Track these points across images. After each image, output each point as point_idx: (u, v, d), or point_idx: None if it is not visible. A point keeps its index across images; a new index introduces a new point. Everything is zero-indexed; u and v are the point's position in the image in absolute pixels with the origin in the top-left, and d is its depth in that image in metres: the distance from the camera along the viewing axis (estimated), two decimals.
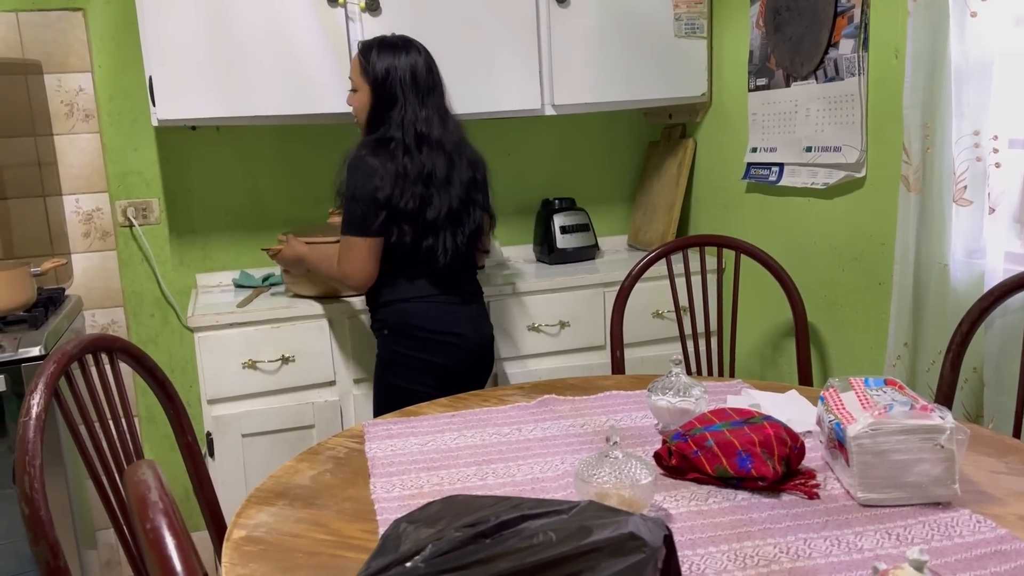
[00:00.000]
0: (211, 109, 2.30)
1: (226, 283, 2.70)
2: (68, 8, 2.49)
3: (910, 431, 1.13)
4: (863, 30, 2.02)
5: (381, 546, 0.87)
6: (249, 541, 1.12)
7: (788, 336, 2.44)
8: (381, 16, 2.37)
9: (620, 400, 1.63)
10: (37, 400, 1.19)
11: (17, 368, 1.98)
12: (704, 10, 2.68)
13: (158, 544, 0.68)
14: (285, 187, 2.75)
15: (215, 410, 2.28)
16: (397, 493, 1.25)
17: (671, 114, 2.94)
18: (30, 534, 1.11)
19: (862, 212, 2.11)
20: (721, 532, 1.09)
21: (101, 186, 2.60)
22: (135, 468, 0.79)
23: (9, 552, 2.09)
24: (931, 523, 1.09)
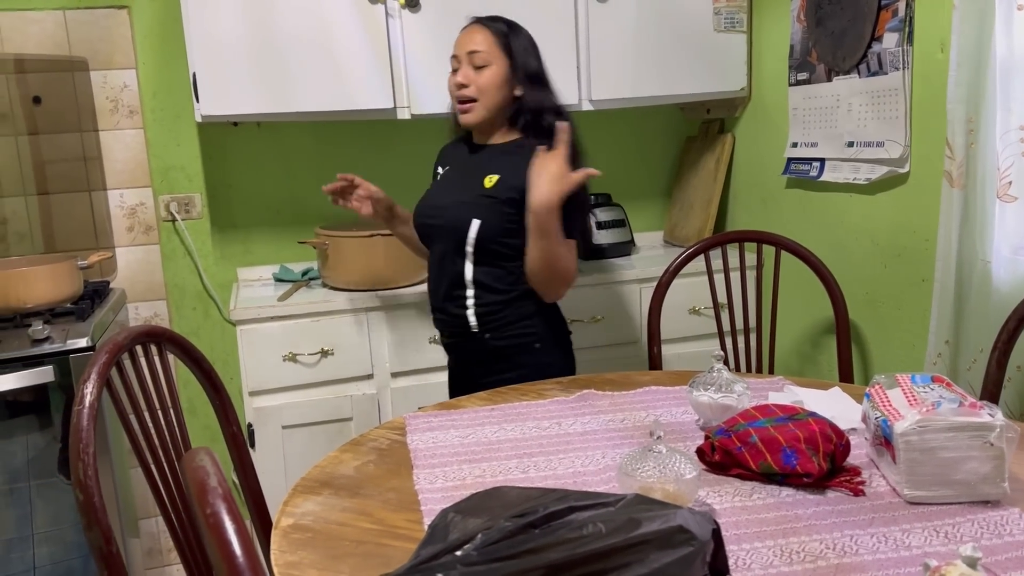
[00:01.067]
0: (253, 105, 2.33)
1: (266, 277, 2.74)
2: (114, 6, 2.53)
3: (959, 428, 1.12)
4: (908, 24, 2.00)
5: (430, 535, 0.88)
6: (297, 529, 1.14)
7: (828, 333, 2.42)
8: (421, 12, 2.38)
9: (660, 396, 1.63)
10: (90, 389, 1.21)
11: (65, 359, 2.03)
12: (744, 4, 2.66)
13: (218, 529, 0.69)
14: (323, 182, 2.74)
15: (256, 402, 2.31)
16: (440, 484, 1.27)
17: (709, 109, 2.92)
18: (84, 520, 1.13)
19: (905, 208, 2.09)
20: (766, 528, 1.09)
21: (145, 181, 2.64)
22: (193, 455, 0.80)
23: (55, 539, 2.14)
24: (980, 521, 1.08)
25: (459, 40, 1.94)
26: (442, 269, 1.94)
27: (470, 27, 1.95)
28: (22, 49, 2.48)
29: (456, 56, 1.93)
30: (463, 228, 1.87)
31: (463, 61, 1.91)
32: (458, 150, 2.06)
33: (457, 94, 1.92)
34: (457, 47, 1.93)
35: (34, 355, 2.01)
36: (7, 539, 2.11)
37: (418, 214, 2.01)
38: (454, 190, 1.97)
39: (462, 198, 1.92)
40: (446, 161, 2.08)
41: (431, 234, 1.98)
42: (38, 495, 2.12)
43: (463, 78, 1.90)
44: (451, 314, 1.94)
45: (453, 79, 1.93)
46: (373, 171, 2.77)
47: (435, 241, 1.97)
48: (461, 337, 1.96)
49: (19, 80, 2.50)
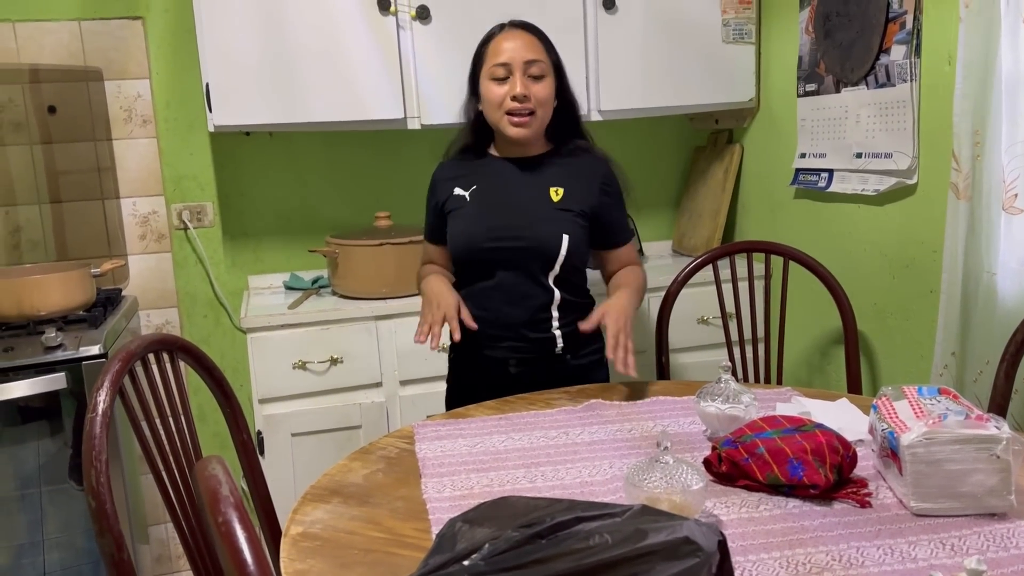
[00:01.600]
0: (266, 115, 2.35)
1: (277, 285, 2.75)
2: (128, 17, 2.56)
3: (965, 441, 1.12)
4: (915, 36, 2.00)
5: (437, 544, 0.89)
6: (306, 537, 1.15)
7: (836, 344, 2.42)
8: (431, 24, 2.40)
9: (667, 406, 1.64)
10: (103, 397, 1.23)
11: (77, 366, 2.04)
12: (752, 16, 2.67)
13: (230, 537, 0.70)
14: (334, 192, 2.79)
15: (266, 409, 2.33)
16: (448, 493, 1.27)
17: (718, 119, 2.93)
18: (96, 526, 1.14)
19: (913, 219, 2.09)
20: (773, 539, 1.09)
21: (157, 190, 2.66)
22: (205, 463, 0.82)
23: (66, 545, 2.15)
24: (987, 534, 1.08)
25: (506, 47, 1.79)
26: (518, 293, 1.82)
27: (517, 32, 1.82)
28: (38, 59, 2.51)
29: (507, 64, 1.78)
30: (555, 246, 1.80)
31: (518, 70, 1.78)
32: (481, 166, 1.91)
33: (516, 107, 1.78)
34: (507, 54, 1.79)
35: (47, 362, 2.03)
36: (18, 544, 2.12)
37: (482, 238, 1.82)
38: (520, 208, 1.84)
39: (540, 215, 1.82)
40: (469, 180, 1.89)
41: (508, 258, 1.82)
42: (49, 501, 2.14)
43: (524, 89, 1.77)
44: (532, 339, 1.83)
45: (500, 89, 1.79)
46: (383, 181, 2.80)
47: (509, 265, 1.82)
48: (538, 361, 1.85)
49: (34, 90, 2.52)
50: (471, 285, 1.87)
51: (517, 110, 1.79)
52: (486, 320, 1.81)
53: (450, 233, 1.88)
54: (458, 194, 1.89)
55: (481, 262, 1.84)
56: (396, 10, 2.37)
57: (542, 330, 1.84)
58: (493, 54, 1.81)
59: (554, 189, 1.85)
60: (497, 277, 1.83)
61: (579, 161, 1.89)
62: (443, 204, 1.91)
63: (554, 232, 1.81)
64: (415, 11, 2.38)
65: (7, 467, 2.11)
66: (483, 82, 1.83)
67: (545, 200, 1.84)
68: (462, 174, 1.91)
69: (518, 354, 1.85)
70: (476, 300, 1.83)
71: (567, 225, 1.82)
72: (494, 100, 1.80)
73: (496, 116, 1.82)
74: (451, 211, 1.89)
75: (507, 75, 1.79)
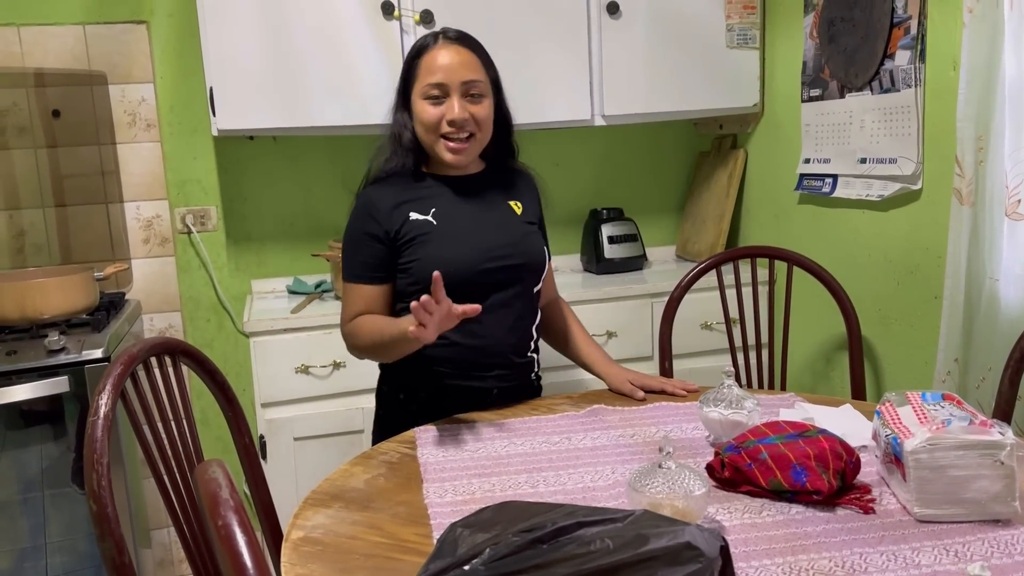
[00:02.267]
0: (269, 120, 2.36)
1: (280, 289, 2.75)
2: (133, 21, 2.57)
3: (969, 447, 1.12)
4: (920, 41, 2.00)
5: (438, 549, 0.89)
6: (307, 542, 1.14)
7: (840, 350, 2.41)
8: (435, 28, 2.40)
9: (670, 411, 1.63)
10: (105, 400, 1.23)
11: (80, 369, 2.05)
12: (757, 21, 2.67)
13: (230, 540, 0.70)
14: (337, 196, 2.79)
15: (268, 413, 2.33)
16: (450, 498, 1.27)
17: (721, 124, 2.93)
18: (97, 530, 1.14)
19: (918, 225, 2.08)
20: (775, 545, 1.09)
21: (161, 194, 2.67)
22: (206, 467, 0.81)
23: (67, 549, 2.15)
24: (990, 540, 1.08)
25: (441, 64, 1.63)
26: (512, 315, 1.72)
27: (454, 48, 1.66)
28: (43, 63, 2.51)
29: (442, 85, 1.63)
30: (542, 261, 1.75)
31: (455, 92, 1.63)
32: (426, 188, 1.73)
33: (452, 132, 1.65)
34: (443, 74, 1.63)
35: (49, 365, 2.03)
36: (21, 548, 2.12)
37: (480, 259, 1.67)
38: (501, 225, 1.74)
39: (521, 230, 1.74)
40: (422, 203, 1.70)
41: (504, 278, 1.70)
42: (52, 505, 2.14)
43: (462, 112, 1.63)
44: (516, 365, 1.74)
45: (435, 110, 1.64)
46: None
47: (504, 287, 1.70)
48: (517, 388, 1.77)
49: (39, 93, 2.53)
50: None
51: (454, 135, 1.65)
52: (479, 348, 1.69)
53: (425, 260, 1.65)
54: (418, 219, 1.68)
55: (476, 285, 1.65)
56: (400, 15, 2.38)
57: (524, 354, 1.76)
58: (427, 71, 1.64)
59: (514, 203, 1.78)
60: (491, 300, 1.66)
61: (515, 177, 1.82)
62: (397, 232, 1.67)
63: (539, 246, 1.77)
64: (419, 16, 2.39)
65: (10, 471, 2.12)
66: (416, 101, 1.67)
67: (515, 215, 1.77)
68: (408, 198, 1.70)
69: (503, 383, 1.73)
70: (468, 328, 1.63)
71: (541, 238, 1.81)
72: (428, 121, 1.65)
73: (430, 139, 1.67)
74: (414, 238, 1.67)
75: (443, 95, 1.64)
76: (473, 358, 1.69)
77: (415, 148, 1.72)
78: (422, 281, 1.64)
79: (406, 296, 1.69)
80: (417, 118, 1.68)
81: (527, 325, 1.76)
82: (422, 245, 1.67)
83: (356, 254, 1.71)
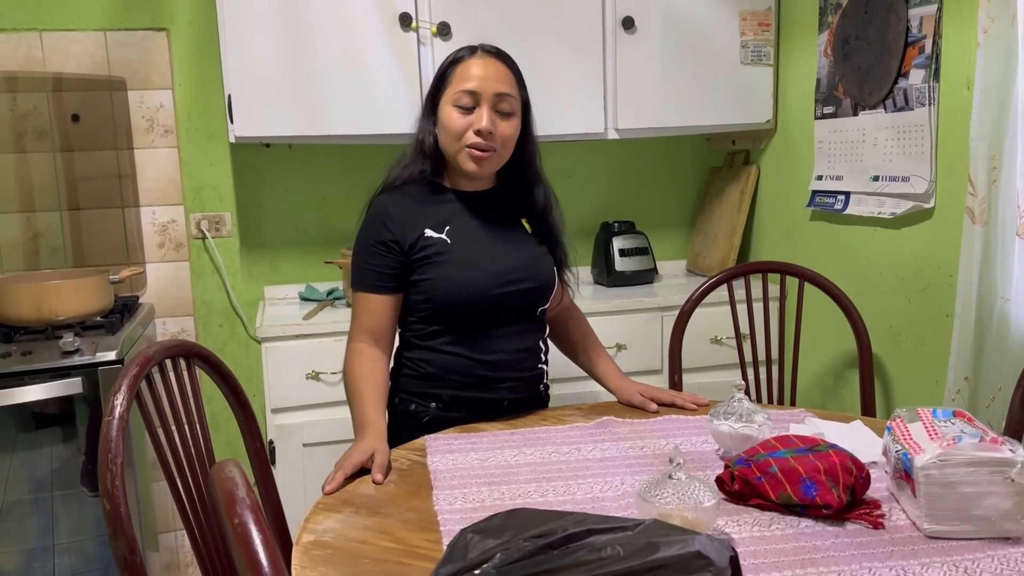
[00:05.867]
0: (286, 128, 2.38)
1: (292, 296, 2.77)
2: (153, 28, 2.60)
3: (979, 463, 1.12)
4: (934, 60, 2.01)
5: (448, 554, 0.89)
6: (317, 546, 1.15)
7: (851, 367, 2.41)
8: (451, 41, 2.42)
9: (680, 424, 1.64)
10: (120, 401, 1.24)
11: (93, 371, 2.06)
12: (771, 38, 2.68)
13: (245, 539, 0.71)
14: (351, 204, 2.79)
15: (278, 419, 2.34)
16: (459, 505, 1.28)
17: (734, 140, 2.94)
18: (110, 529, 1.15)
19: (930, 243, 2.08)
20: (784, 558, 1.09)
21: (177, 199, 2.69)
22: (222, 466, 0.82)
23: (77, 550, 2.16)
24: (1000, 557, 1.07)
25: (477, 73, 1.64)
26: (521, 331, 1.73)
27: (491, 60, 1.67)
28: (63, 68, 2.54)
29: (475, 93, 1.63)
30: (551, 281, 1.76)
31: (486, 102, 1.63)
32: (444, 202, 1.73)
33: (479, 142, 1.63)
34: (477, 82, 1.63)
35: (63, 367, 2.05)
36: (30, 548, 2.13)
37: (491, 285, 1.66)
38: (513, 247, 1.74)
39: (531, 251, 1.75)
40: (438, 218, 1.70)
41: (515, 300, 1.70)
42: (61, 506, 2.15)
43: (490, 124, 1.62)
44: (525, 378, 1.76)
45: (463, 119, 1.63)
46: None
47: (515, 307, 1.71)
48: (528, 399, 1.78)
49: (58, 98, 2.56)
50: (468, 332, 1.68)
51: (480, 145, 1.63)
52: (489, 364, 1.69)
53: (437, 281, 1.66)
54: (432, 236, 1.67)
55: (486, 307, 1.67)
56: (417, 26, 2.40)
57: (533, 367, 1.77)
58: (460, 78, 1.64)
59: (523, 221, 1.79)
60: (501, 319, 1.69)
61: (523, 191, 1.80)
62: (411, 246, 1.66)
63: (548, 267, 1.77)
64: (436, 27, 2.41)
65: (20, 471, 2.13)
66: (444, 106, 1.66)
67: (525, 235, 1.78)
68: (424, 211, 1.69)
69: (513, 394, 1.74)
70: (473, 343, 1.68)
71: (550, 257, 1.80)
72: (456, 130, 1.64)
73: (455, 147, 1.66)
74: (428, 256, 1.66)
75: (473, 105, 1.63)
76: (484, 372, 1.70)
77: (435, 156, 1.72)
78: (433, 300, 1.66)
79: (416, 310, 1.70)
80: (443, 125, 1.67)
81: (535, 340, 1.77)
82: (436, 265, 1.66)
83: (367, 262, 1.69)
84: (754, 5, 2.65)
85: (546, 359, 1.82)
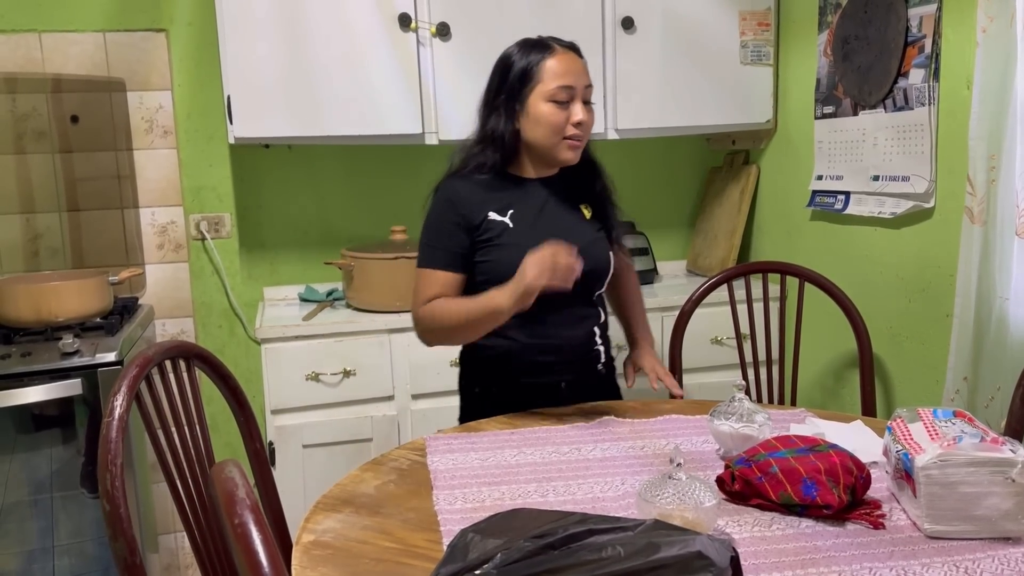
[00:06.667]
0: (286, 128, 2.38)
1: (291, 297, 2.77)
2: (152, 29, 2.60)
3: (980, 463, 1.12)
4: (934, 60, 2.01)
5: (449, 554, 0.89)
6: (317, 546, 1.15)
7: (851, 367, 2.40)
8: (451, 41, 2.42)
9: (680, 424, 1.64)
10: (120, 402, 1.24)
11: (93, 373, 2.06)
12: (771, 38, 2.68)
13: (245, 539, 0.71)
14: (351, 205, 2.81)
15: (278, 420, 2.33)
16: (459, 505, 1.27)
17: (734, 140, 2.94)
18: (109, 530, 1.15)
19: (930, 243, 2.08)
20: (785, 558, 1.09)
21: (176, 200, 2.69)
22: (222, 466, 0.82)
23: (76, 551, 2.16)
24: (1001, 558, 1.07)
25: (567, 68, 1.71)
26: (575, 316, 1.79)
27: (572, 55, 1.74)
28: (62, 69, 2.54)
29: (571, 88, 1.70)
30: (606, 266, 1.81)
31: (579, 95, 1.72)
32: (509, 188, 1.78)
33: (578, 133, 1.72)
34: (572, 78, 1.70)
35: (63, 368, 2.05)
36: (29, 550, 2.13)
37: None
38: (570, 232, 1.75)
39: (588, 236, 1.78)
40: (502, 202, 1.76)
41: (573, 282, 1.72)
42: (61, 508, 2.15)
43: (586, 114, 1.71)
44: (580, 361, 1.82)
45: (561, 113, 1.70)
46: (399, 195, 2.82)
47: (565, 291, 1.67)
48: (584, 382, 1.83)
49: (57, 99, 2.56)
50: (524, 315, 1.68)
51: (578, 135, 1.72)
52: (540, 347, 1.76)
53: (496, 263, 1.72)
54: (496, 219, 1.74)
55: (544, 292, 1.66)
56: (417, 27, 2.40)
57: (588, 350, 1.83)
58: (553, 75, 1.70)
59: (583, 206, 1.85)
60: (554, 304, 1.71)
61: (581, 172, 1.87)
62: (477, 227, 1.74)
63: (604, 252, 1.82)
64: (435, 28, 2.41)
65: (20, 473, 2.13)
66: (535, 103, 1.71)
67: (584, 220, 1.83)
68: (491, 196, 1.76)
69: (569, 377, 1.81)
70: (531, 328, 1.74)
71: (607, 242, 1.84)
72: (556, 124, 1.70)
73: (552, 140, 1.72)
74: (490, 238, 1.73)
75: (569, 99, 1.70)
76: (536, 356, 1.77)
77: (510, 148, 1.77)
78: (491, 282, 1.70)
79: (474, 291, 1.73)
80: (539, 120, 1.71)
81: (590, 324, 1.83)
82: (496, 248, 1.74)
83: (438, 241, 1.75)
84: (754, 5, 2.65)
85: (604, 343, 1.86)
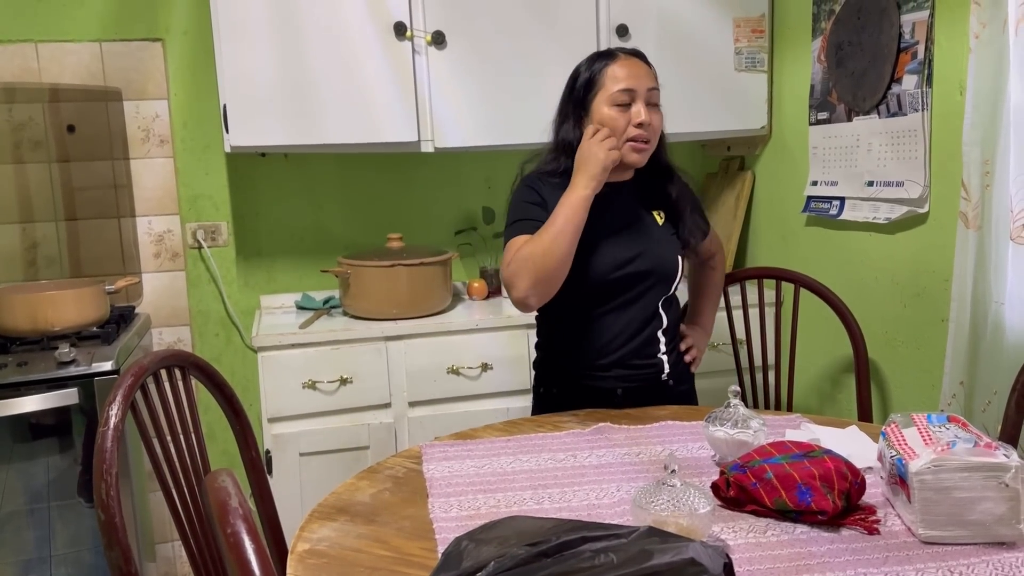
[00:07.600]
0: (282, 137, 2.38)
1: (288, 305, 2.77)
2: (148, 39, 2.61)
3: (973, 468, 1.12)
4: (927, 66, 2.02)
5: (443, 562, 0.89)
6: (313, 554, 1.15)
7: (847, 372, 2.41)
8: (447, 49, 2.43)
9: (675, 430, 1.64)
10: (115, 411, 1.24)
11: (89, 382, 2.06)
12: (765, 44, 2.69)
13: (238, 548, 0.71)
14: (347, 213, 2.82)
15: (274, 428, 2.33)
16: (455, 513, 1.28)
17: (729, 146, 2.94)
18: (104, 539, 1.15)
19: (925, 248, 2.09)
20: (780, 565, 1.09)
21: (173, 209, 2.69)
22: (215, 476, 0.82)
23: (73, 561, 2.16)
24: (995, 563, 1.07)
25: (628, 72, 1.75)
26: (636, 321, 1.80)
27: (635, 60, 1.79)
28: (59, 79, 2.55)
29: (632, 91, 1.74)
30: (674, 272, 1.82)
31: (641, 98, 1.74)
32: None
33: (640, 134, 1.74)
34: (632, 81, 1.74)
35: (59, 377, 2.05)
36: (27, 559, 2.13)
37: (609, 269, 1.77)
38: (638, 235, 1.81)
39: (657, 240, 1.81)
40: None
41: (632, 287, 1.79)
42: (58, 517, 2.15)
43: (648, 115, 1.74)
44: (640, 366, 1.82)
45: (623, 116, 1.74)
46: (395, 202, 2.83)
47: (631, 294, 1.80)
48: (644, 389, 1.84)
49: (54, 109, 2.57)
50: (586, 315, 1.79)
51: (641, 137, 1.75)
52: (596, 350, 1.79)
53: None
54: None
55: (603, 293, 1.78)
56: (412, 35, 2.41)
57: (650, 356, 1.83)
58: (613, 80, 1.75)
59: (657, 213, 1.86)
60: (616, 306, 1.79)
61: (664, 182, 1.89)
62: None
63: (672, 257, 1.83)
64: (431, 36, 2.41)
65: (17, 482, 2.12)
66: (599, 108, 1.76)
67: (655, 224, 1.85)
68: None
69: (625, 383, 1.82)
70: (593, 330, 1.79)
71: (678, 248, 1.85)
72: (618, 126, 1.74)
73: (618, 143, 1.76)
74: None
75: (630, 101, 1.74)
76: (591, 359, 1.81)
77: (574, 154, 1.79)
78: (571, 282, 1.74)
79: None
80: (602, 124, 1.76)
81: (652, 329, 1.83)
82: None
83: (526, 214, 1.79)
84: (747, 12, 2.66)
85: (670, 350, 1.86)
